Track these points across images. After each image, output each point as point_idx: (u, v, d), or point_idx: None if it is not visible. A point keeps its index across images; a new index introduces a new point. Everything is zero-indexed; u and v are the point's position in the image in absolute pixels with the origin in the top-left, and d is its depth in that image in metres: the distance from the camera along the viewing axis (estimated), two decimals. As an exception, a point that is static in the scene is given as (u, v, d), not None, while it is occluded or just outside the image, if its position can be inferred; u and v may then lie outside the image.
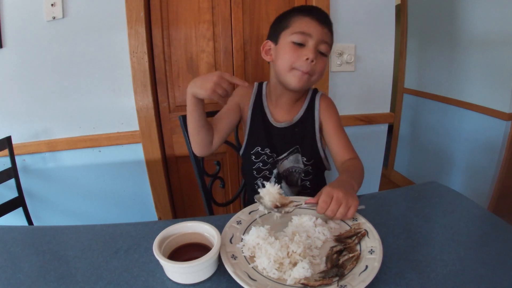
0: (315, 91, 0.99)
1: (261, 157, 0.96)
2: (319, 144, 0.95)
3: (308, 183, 0.97)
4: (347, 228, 0.65)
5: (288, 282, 0.51)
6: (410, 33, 2.42)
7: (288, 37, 0.85)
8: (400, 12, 2.37)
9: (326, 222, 0.66)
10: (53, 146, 1.30)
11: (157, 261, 0.53)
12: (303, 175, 0.96)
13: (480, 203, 0.81)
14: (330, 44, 0.87)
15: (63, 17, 1.18)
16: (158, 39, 1.29)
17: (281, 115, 0.96)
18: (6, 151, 1.16)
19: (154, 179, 1.40)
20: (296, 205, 0.68)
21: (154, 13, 1.26)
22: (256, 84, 1.02)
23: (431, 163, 2.32)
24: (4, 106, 1.25)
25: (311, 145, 0.95)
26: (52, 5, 1.15)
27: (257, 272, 0.54)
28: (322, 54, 0.86)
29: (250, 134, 0.98)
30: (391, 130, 2.68)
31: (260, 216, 0.69)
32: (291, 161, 0.95)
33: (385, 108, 1.54)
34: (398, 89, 2.56)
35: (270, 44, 0.92)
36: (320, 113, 0.95)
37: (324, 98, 0.97)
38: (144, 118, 1.31)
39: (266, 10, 1.34)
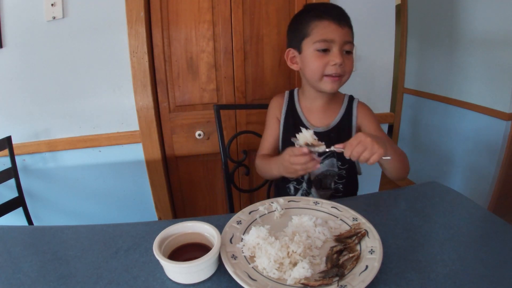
0: (351, 98, 1.00)
1: None
2: None
3: (341, 186, 0.98)
4: (347, 228, 0.65)
5: (288, 282, 0.51)
6: (410, 33, 2.42)
7: (311, 46, 0.86)
8: (400, 12, 2.37)
9: (326, 222, 0.66)
10: (53, 146, 1.30)
11: (157, 261, 0.53)
12: (336, 178, 0.97)
13: (480, 203, 0.81)
14: (352, 41, 0.88)
15: (63, 17, 1.18)
16: (158, 39, 1.29)
17: (317, 119, 0.97)
18: (6, 151, 1.16)
19: (154, 179, 1.40)
20: (327, 148, 0.74)
21: (154, 13, 1.26)
22: (287, 92, 1.03)
23: (431, 163, 2.32)
24: (4, 106, 1.24)
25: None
26: (52, 5, 1.15)
27: (257, 272, 0.54)
28: (348, 53, 0.87)
29: (283, 140, 0.99)
30: (391, 130, 2.68)
31: (260, 216, 0.69)
32: (326, 165, 0.95)
33: (385, 108, 1.54)
34: (398, 89, 2.56)
35: (293, 52, 0.93)
36: (358, 120, 0.96)
37: (361, 105, 0.99)
38: (144, 118, 1.31)
39: (266, 10, 1.34)
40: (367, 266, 0.53)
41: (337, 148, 0.72)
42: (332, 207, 0.72)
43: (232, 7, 1.31)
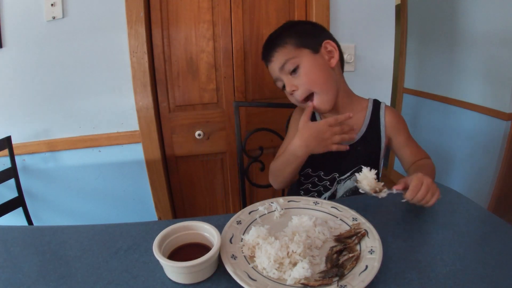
0: (377, 103, 0.91)
1: (311, 179, 0.92)
2: (381, 162, 0.91)
3: None
4: (347, 228, 0.65)
5: (288, 282, 0.51)
6: (410, 33, 2.42)
7: None
8: (400, 12, 2.37)
9: (326, 222, 0.66)
10: (53, 146, 1.30)
11: (157, 261, 0.53)
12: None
13: (480, 203, 0.81)
14: (286, 58, 0.81)
15: (63, 17, 1.18)
16: (158, 39, 1.29)
17: None
18: (6, 151, 1.16)
19: (154, 179, 1.40)
20: (389, 192, 0.70)
21: (154, 13, 1.26)
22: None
23: (431, 163, 2.32)
24: (4, 106, 1.24)
25: (375, 163, 0.90)
26: (52, 5, 1.15)
27: (257, 272, 0.54)
28: (294, 71, 0.82)
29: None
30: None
31: (260, 216, 0.69)
32: (354, 181, 0.88)
33: (385, 108, 1.53)
34: (398, 89, 2.56)
35: None
36: (387, 129, 0.89)
37: (390, 111, 0.90)
38: (144, 118, 1.31)
39: (266, 10, 1.34)
40: (367, 266, 0.53)
41: (397, 189, 0.68)
42: (332, 207, 0.72)
43: (232, 7, 1.31)
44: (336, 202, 0.73)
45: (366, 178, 0.70)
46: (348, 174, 0.89)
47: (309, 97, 0.84)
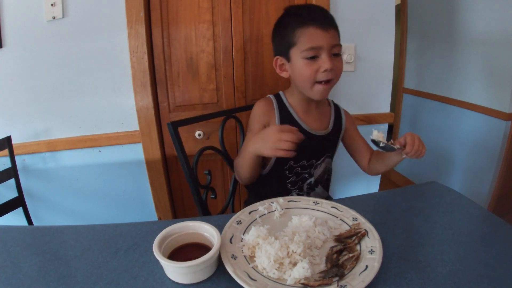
0: (334, 102, 1.06)
1: (295, 170, 0.97)
2: (337, 146, 1.06)
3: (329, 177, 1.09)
4: (347, 228, 0.65)
5: (288, 282, 0.51)
6: (410, 33, 2.42)
7: (299, 54, 0.85)
8: (400, 12, 2.38)
9: (326, 222, 0.66)
10: (53, 146, 1.30)
11: (157, 261, 0.53)
12: (329, 173, 1.07)
13: (480, 203, 0.82)
14: (339, 42, 0.86)
15: (63, 17, 1.18)
16: (158, 39, 1.29)
17: (315, 123, 0.97)
18: (6, 151, 1.16)
19: (154, 179, 1.40)
20: (397, 148, 0.80)
21: (154, 13, 1.26)
22: (272, 97, 0.98)
23: (431, 163, 2.32)
24: (4, 106, 1.24)
25: (335, 148, 1.05)
26: (52, 5, 1.15)
27: (257, 272, 0.54)
28: (336, 55, 0.86)
29: None
30: (391, 130, 2.68)
31: (260, 216, 0.69)
32: (326, 163, 1.02)
33: (385, 108, 1.54)
34: (398, 89, 2.56)
35: (281, 60, 0.91)
36: (346, 122, 1.04)
37: (345, 110, 1.07)
38: (144, 118, 1.31)
39: (266, 10, 1.34)
40: (367, 266, 0.53)
41: (400, 145, 0.80)
42: (332, 207, 0.72)
43: (232, 7, 1.31)
44: (336, 202, 0.73)
45: (377, 137, 0.81)
46: (323, 158, 1.00)
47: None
